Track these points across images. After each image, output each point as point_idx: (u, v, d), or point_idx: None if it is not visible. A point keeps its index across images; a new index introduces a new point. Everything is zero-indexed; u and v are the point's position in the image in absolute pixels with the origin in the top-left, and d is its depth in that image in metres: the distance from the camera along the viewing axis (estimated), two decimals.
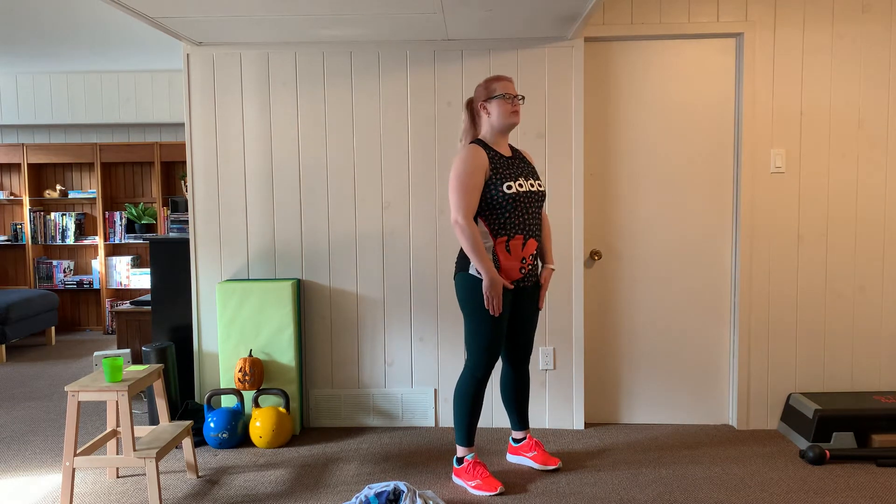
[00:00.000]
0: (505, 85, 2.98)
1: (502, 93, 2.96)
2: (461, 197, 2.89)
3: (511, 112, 2.97)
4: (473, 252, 2.88)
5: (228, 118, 3.78)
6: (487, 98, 2.98)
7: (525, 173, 3.02)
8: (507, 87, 2.98)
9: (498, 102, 2.96)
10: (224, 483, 3.15)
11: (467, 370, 3.03)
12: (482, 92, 3.01)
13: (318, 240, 3.82)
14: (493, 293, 2.90)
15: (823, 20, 3.61)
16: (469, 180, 2.88)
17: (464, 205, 2.88)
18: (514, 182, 2.94)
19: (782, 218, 3.69)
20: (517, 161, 3.05)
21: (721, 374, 3.82)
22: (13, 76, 6.57)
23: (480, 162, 2.91)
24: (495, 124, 2.99)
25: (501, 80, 2.99)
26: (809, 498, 2.91)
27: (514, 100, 2.98)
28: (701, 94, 3.71)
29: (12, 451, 3.61)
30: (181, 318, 4.08)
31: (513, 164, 3.02)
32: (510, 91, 2.98)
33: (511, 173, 2.97)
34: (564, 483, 3.09)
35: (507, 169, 2.97)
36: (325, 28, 3.43)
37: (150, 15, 3.18)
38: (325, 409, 3.87)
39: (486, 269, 2.89)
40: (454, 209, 2.90)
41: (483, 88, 3.01)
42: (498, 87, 2.97)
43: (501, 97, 2.95)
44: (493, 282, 2.89)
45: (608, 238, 3.79)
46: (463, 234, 2.88)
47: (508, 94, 2.96)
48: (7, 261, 7.01)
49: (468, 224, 2.88)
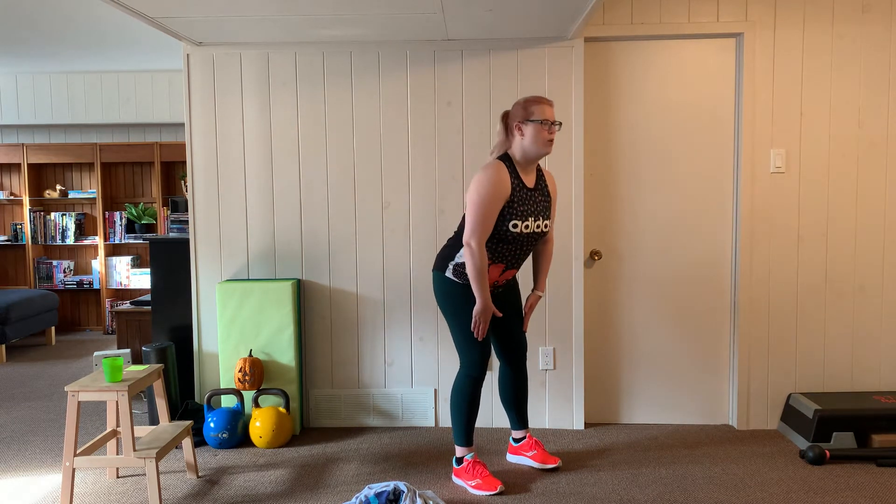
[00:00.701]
0: (543, 110, 2.89)
1: (540, 118, 2.88)
2: (479, 223, 2.86)
3: (546, 140, 2.89)
4: (476, 277, 2.88)
5: (228, 118, 3.78)
6: (524, 120, 2.90)
7: (538, 211, 2.99)
8: (546, 113, 2.89)
9: (534, 127, 2.88)
10: (224, 483, 3.15)
11: (462, 370, 3.05)
12: (520, 112, 2.92)
13: (318, 240, 3.82)
14: (483, 319, 2.94)
15: (823, 20, 3.61)
16: (489, 207, 2.85)
17: (480, 230, 2.87)
18: (522, 221, 2.92)
19: (782, 218, 3.69)
20: (537, 195, 3.00)
21: (721, 374, 3.82)
22: (13, 76, 6.57)
23: (503, 191, 2.86)
24: (527, 150, 2.92)
25: (541, 104, 2.90)
26: (809, 498, 2.91)
27: (552, 126, 2.90)
28: (701, 94, 3.71)
29: (12, 451, 3.61)
30: (181, 318, 4.08)
31: (531, 198, 2.97)
32: (548, 117, 2.89)
33: (524, 210, 2.93)
34: (564, 483, 3.09)
35: (523, 205, 2.93)
36: (325, 28, 3.43)
37: (150, 15, 3.18)
38: (325, 409, 3.87)
39: (483, 297, 2.91)
40: (469, 231, 2.88)
41: (521, 108, 2.92)
42: (536, 110, 2.89)
43: (538, 122, 2.89)
44: (486, 309, 2.92)
45: (608, 238, 3.79)
46: (472, 257, 2.87)
47: (546, 120, 2.90)
48: (7, 261, 7.01)
49: (480, 251, 2.87)
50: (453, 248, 3.03)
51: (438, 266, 3.09)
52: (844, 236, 3.69)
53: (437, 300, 3.11)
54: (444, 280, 3.05)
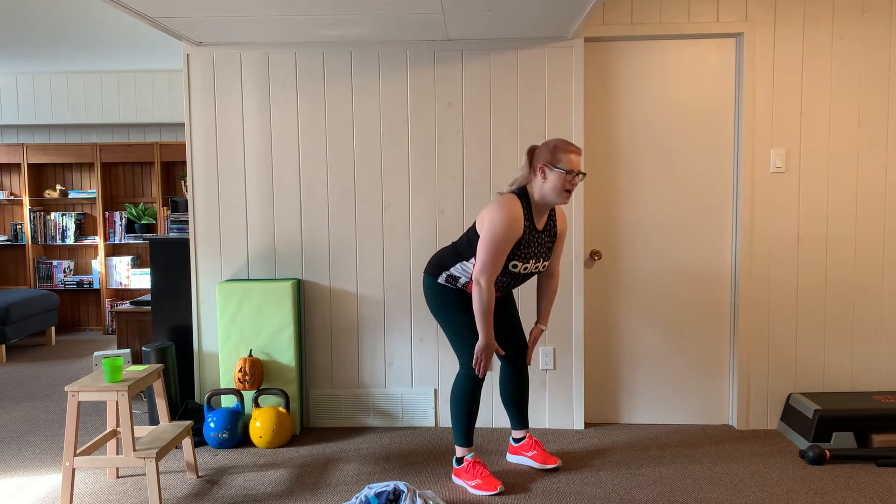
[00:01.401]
0: (570, 160, 2.86)
1: (565, 168, 2.84)
2: (490, 262, 2.87)
3: (564, 191, 2.86)
4: (482, 315, 2.90)
5: (228, 118, 3.78)
6: (549, 164, 2.87)
7: (540, 253, 3.00)
8: (573, 163, 2.86)
9: (558, 175, 2.85)
10: (224, 483, 3.15)
11: (462, 371, 3.06)
12: (547, 155, 2.88)
13: (318, 240, 3.82)
14: (485, 356, 2.96)
15: (823, 20, 3.61)
16: (501, 249, 2.86)
17: (490, 270, 2.87)
18: (522, 263, 2.96)
19: (782, 218, 3.69)
20: (544, 236, 3.01)
21: (721, 374, 3.82)
22: (13, 76, 6.57)
23: (516, 233, 2.87)
24: (545, 195, 2.90)
25: (569, 153, 2.86)
26: (809, 498, 2.91)
27: (575, 178, 2.88)
28: (701, 93, 3.71)
29: (12, 451, 3.61)
30: (181, 318, 4.08)
31: (538, 240, 2.98)
32: (574, 167, 2.86)
33: (528, 252, 2.95)
34: (564, 483, 3.09)
35: (529, 247, 2.95)
36: (325, 28, 3.43)
37: (150, 15, 3.18)
38: (325, 409, 3.87)
39: (486, 334, 2.92)
40: (479, 268, 2.88)
41: (549, 152, 2.88)
42: (563, 159, 2.85)
43: (563, 171, 2.85)
44: (488, 346, 2.94)
45: (608, 238, 3.79)
46: (480, 295, 2.88)
47: (571, 170, 2.86)
48: (7, 261, 7.01)
49: (489, 289, 2.88)
50: (450, 259, 3.05)
51: (431, 272, 3.11)
52: (844, 236, 3.69)
53: (429, 304, 3.13)
54: (436, 285, 3.08)
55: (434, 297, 3.09)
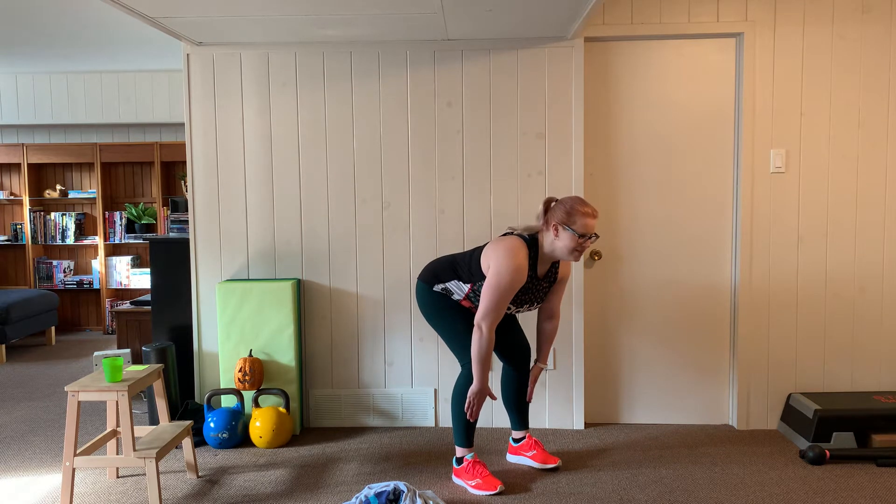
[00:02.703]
0: (586, 224, 2.85)
1: (580, 232, 2.84)
2: (493, 309, 2.88)
3: (575, 251, 2.87)
4: (480, 361, 2.91)
5: (228, 118, 3.78)
6: (563, 224, 2.86)
7: (535, 298, 3.05)
8: (587, 227, 2.85)
9: (570, 236, 2.85)
10: (224, 483, 3.15)
11: (464, 372, 3.06)
12: (562, 215, 2.87)
13: (318, 240, 3.82)
14: (477, 402, 2.97)
15: (823, 20, 3.61)
16: (505, 297, 2.87)
17: (493, 317, 2.89)
18: (516, 307, 3.02)
19: (782, 218, 3.69)
20: (543, 283, 3.04)
21: (721, 374, 3.82)
22: (13, 76, 6.57)
23: (520, 282, 2.88)
24: (556, 252, 2.91)
25: (585, 217, 2.85)
26: (809, 498, 2.91)
27: (587, 241, 2.88)
28: (701, 94, 3.71)
29: (12, 451, 3.61)
30: (181, 318, 4.08)
31: (536, 287, 3.01)
32: (588, 231, 2.86)
33: (523, 298, 3.00)
34: (564, 483, 3.09)
35: (527, 293, 2.99)
36: (325, 28, 3.43)
37: (149, 15, 3.18)
38: (325, 409, 3.87)
39: (481, 380, 2.93)
40: (483, 314, 2.88)
41: (565, 213, 2.87)
42: (579, 222, 2.84)
43: (576, 234, 2.85)
44: (482, 392, 2.96)
45: (608, 238, 3.79)
46: (479, 340, 2.89)
47: (585, 234, 2.86)
48: (7, 261, 7.01)
49: (489, 335, 2.89)
50: (447, 272, 3.07)
51: (426, 279, 3.12)
52: (844, 236, 3.69)
53: (423, 310, 3.15)
54: (430, 292, 3.10)
55: (428, 304, 3.11)
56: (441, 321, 3.08)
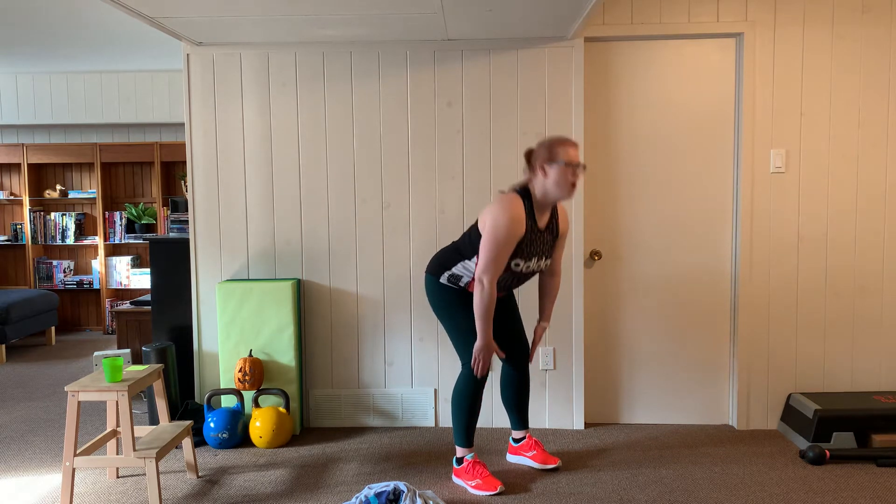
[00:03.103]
0: (569, 153, 2.86)
1: (565, 160, 2.85)
2: (492, 261, 2.86)
3: (568, 184, 2.86)
4: (483, 314, 2.89)
5: (228, 118, 3.78)
6: (548, 161, 2.87)
7: (542, 251, 3.00)
8: (571, 155, 2.86)
9: (558, 169, 2.85)
10: (224, 483, 3.15)
11: (464, 371, 3.05)
12: (544, 153, 2.89)
13: (318, 240, 3.82)
14: (483, 356, 2.96)
15: (823, 20, 3.61)
16: (504, 249, 2.86)
17: (493, 269, 2.87)
18: (525, 262, 2.95)
19: (782, 218, 3.69)
20: (546, 235, 3.01)
21: (721, 374, 3.82)
22: (13, 76, 6.57)
23: (518, 233, 2.87)
24: (549, 191, 2.89)
25: (566, 146, 2.87)
26: (809, 498, 2.91)
27: (576, 169, 2.88)
28: (701, 94, 3.71)
29: (12, 451, 3.61)
30: (181, 318, 4.08)
31: (540, 239, 2.98)
32: (573, 160, 2.87)
33: (530, 251, 2.95)
34: (564, 483, 3.09)
35: (531, 246, 2.95)
36: (325, 28, 3.43)
37: (149, 15, 3.18)
38: (325, 409, 3.87)
39: (485, 335, 2.92)
40: (482, 268, 2.87)
41: (546, 149, 2.89)
42: (561, 153, 2.85)
43: (563, 165, 2.85)
44: (487, 347, 2.94)
45: (608, 238, 3.79)
46: (481, 294, 2.87)
47: (571, 162, 2.87)
48: (7, 261, 7.01)
49: (491, 289, 2.87)
50: (452, 258, 3.05)
51: (433, 271, 3.10)
52: (844, 236, 3.69)
53: (431, 303, 3.12)
54: (438, 284, 3.08)
55: (436, 297, 3.09)
56: (448, 314, 3.06)
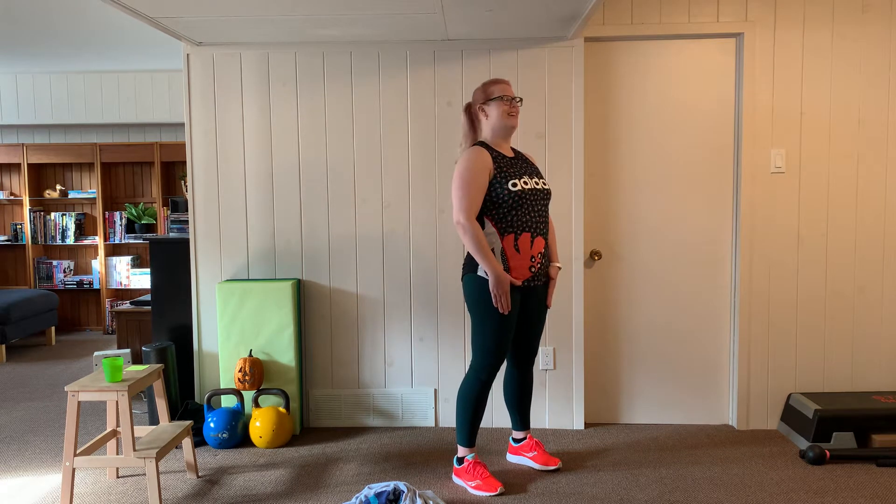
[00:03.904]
0: (503, 87, 3.00)
1: (500, 95, 2.98)
2: (464, 196, 2.88)
3: (509, 114, 2.98)
4: (477, 250, 2.87)
5: (228, 118, 3.78)
6: (486, 101, 3.00)
7: (529, 172, 3.04)
8: (505, 90, 3.00)
9: (496, 104, 2.98)
10: (224, 483, 3.15)
11: (472, 372, 3.03)
12: (480, 95, 3.03)
13: (318, 240, 3.82)
14: (501, 291, 2.88)
15: (823, 20, 3.61)
16: (472, 181, 2.87)
17: (465, 204, 2.87)
18: (518, 180, 2.95)
19: (782, 218, 3.69)
20: (520, 161, 3.06)
21: (721, 374, 3.82)
22: (13, 76, 6.57)
23: (484, 163, 2.91)
24: (495, 126, 3.00)
25: (499, 84, 3.01)
26: (809, 498, 2.91)
27: (513, 102, 2.99)
28: (701, 94, 3.71)
29: (12, 451, 3.61)
30: (181, 318, 4.08)
31: (516, 163, 3.03)
32: (508, 93, 2.99)
33: (515, 172, 2.98)
34: (564, 483, 3.09)
35: (511, 168, 2.99)
36: (325, 28, 3.43)
37: (150, 15, 3.18)
38: (325, 409, 3.87)
39: (492, 267, 2.88)
40: (456, 209, 2.89)
41: (481, 92, 3.03)
42: (496, 89, 2.99)
43: (499, 99, 2.97)
44: (499, 279, 2.87)
45: (608, 238, 3.79)
46: (466, 233, 2.87)
47: (506, 96, 2.98)
48: (7, 261, 7.00)
49: (470, 223, 2.87)
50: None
51: (469, 269, 3.00)
52: (844, 236, 3.69)
53: (468, 302, 3.01)
54: (476, 279, 2.95)
55: (476, 293, 2.96)
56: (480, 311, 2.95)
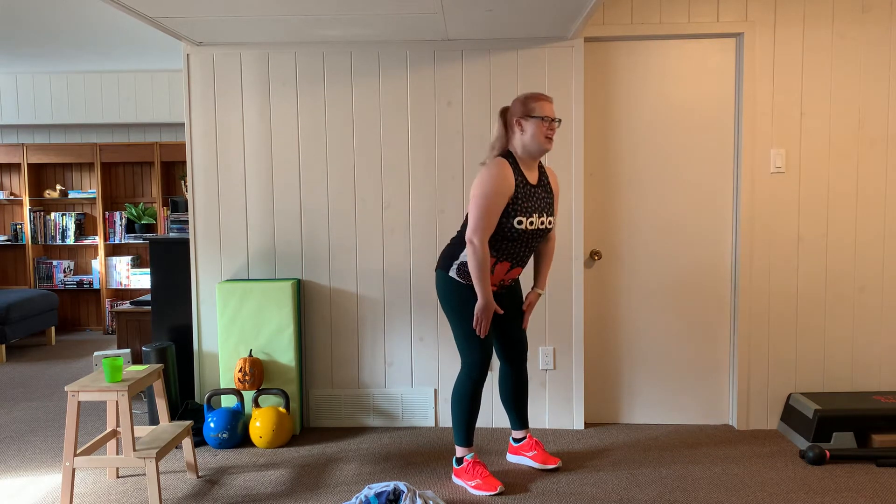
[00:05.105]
0: (544, 106, 2.89)
1: (540, 115, 2.87)
2: (482, 218, 2.85)
3: (545, 137, 2.88)
4: (478, 273, 2.87)
5: (228, 118, 3.78)
6: (524, 115, 2.89)
7: (542, 208, 2.98)
8: (546, 109, 2.89)
9: (535, 123, 2.87)
10: (224, 483, 3.15)
11: (464, 371, 3.04)
12: (519, 108, 2.91)
13: (318, 240, 3.82)
14: (484, 316, 2.93)
15: (823, 20, 3.61)
16: (493, 204, 2.84)
17: (483, 226, 2.86)
18: (527, 218, 2.91)
19: (782, 218, 3.69)
20: (540, 191, 2.99)
21: (721, 374, 3.82)
22: (13, 76, 6.57)
23: (507, 188, 2.85)
24: (528, 145, 2.91)
25: (541, 101, 2.90)
26: (809, 498, 2.91)
27: (552, 123, 2.90)
28: (701, 94, 3.71)
29: (12, 451, 3.61)
30: (181, 318, 4.08)
31: (535, 194, 2.96)
32: (548, 113, 2.89)
33: (529, 207, 2.92)
34: (564, 483, 3.09)
35: (528, 201, 2.92)
36: (325, 28, 3.43)
37: (150, 15, 3.18)
38: (325, 409, 3.87)
39: (483, 294, 2.90)
40: (472, 228, 2.86)
41: (521, 104, 2.91)
42: (537, 107, 2.88)
43: (539, 119, 2.88)
44: (487, 307, 2.91)
45: (608, 238, 3.79)
46: (475, 254, 2.86)
47: (546, 116, 2.89)
48: (7, 261, 7.01)
49: (482, 247, 2.86)
50: (457, 247, 3.02)
51: (442, 265, 3.07)
52: (844, 236, 3.69)
53: (440, 300, 3.10)
54: (448, 280, 3.04)
55: (446, 293, 3.05)
56: (455, 312, 3.02)
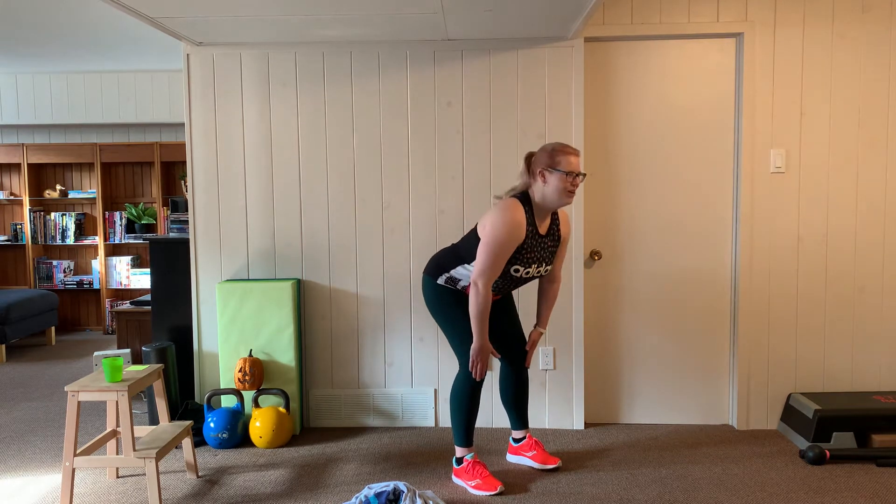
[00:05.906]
0: (569, 161, 2.87)
1: (565, 170, 2.85)
2: (490, 265, 2.85)
3: (567, 192, 2.87)
4: (477, 316, 2.88)
5: (228, 118, 3.78)
6: (548, 167, 2.87)
7: (543, 258, 2.99)
8: (572, 164, 2.87)
9: (558, 177, 2.86)
10: (224, 483, 3.15)
11: (462, 372, 3.05)
12: (545, 159, 2.89)
13: (318, 240, 3.82)
14: (480, 359, 2.95)
15: (823, 20, 3.61)
16: (504, 251, 2.85)
17: (489, 273, 2.86)
18: (524, 267, 2.94)
19: (782, 218, 3.69)
20: (547, 241, 3.00)
21: (721, 374, 3.82)
22: (13, 76, 6.57)
23: (518, 237, 2.86)
24: (548, 197, 2.90)
25: (567, 155, 2.87)
26: (809, 498, 2.91)
27: (575, 178, 2.88)
28: (701, 94, 3.71)
29: (12, 451, 3.61)
30: (181, 318, 4.08)
31: (541, 245, 2.97)
32: (573, 169, 2.87)
33: (530, 258, 2.94)
34: (564, 483, 3.09)
35: (531, 252, 2.93)
36: (325, 28, 3.43)
37: (150, 15, 3.18)
38: (325, 409, 3.87)
39: (479, 335, 2.91)
40: (479, 271, 2.87)
41: (547, 155, 2.89)
42: (562, 161, 2.86)
43: (563, 173, 2.86)
44: (483, 348, 2.93)
45: (608, 238, 3.79)
46: (476, 297, 2.87)
47: (571, 172, 2.87)
48: (7, 261, 7.00)
49: (486, 293, 2.87)
50: (450, 260, 3.04)
51: (431, 272, 3.10)
52: (844, 236, 3.69)
53: (428, 304, 3.13)
54: (435, 286, 3.08)
55: (433, 298, 3.09)
56: (445, 315, 3.06)
